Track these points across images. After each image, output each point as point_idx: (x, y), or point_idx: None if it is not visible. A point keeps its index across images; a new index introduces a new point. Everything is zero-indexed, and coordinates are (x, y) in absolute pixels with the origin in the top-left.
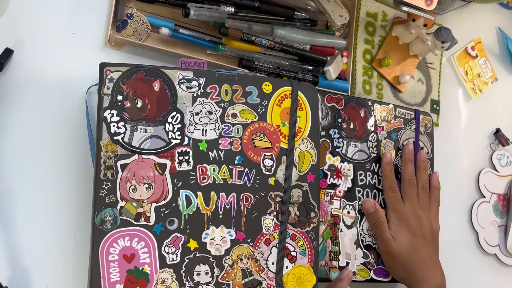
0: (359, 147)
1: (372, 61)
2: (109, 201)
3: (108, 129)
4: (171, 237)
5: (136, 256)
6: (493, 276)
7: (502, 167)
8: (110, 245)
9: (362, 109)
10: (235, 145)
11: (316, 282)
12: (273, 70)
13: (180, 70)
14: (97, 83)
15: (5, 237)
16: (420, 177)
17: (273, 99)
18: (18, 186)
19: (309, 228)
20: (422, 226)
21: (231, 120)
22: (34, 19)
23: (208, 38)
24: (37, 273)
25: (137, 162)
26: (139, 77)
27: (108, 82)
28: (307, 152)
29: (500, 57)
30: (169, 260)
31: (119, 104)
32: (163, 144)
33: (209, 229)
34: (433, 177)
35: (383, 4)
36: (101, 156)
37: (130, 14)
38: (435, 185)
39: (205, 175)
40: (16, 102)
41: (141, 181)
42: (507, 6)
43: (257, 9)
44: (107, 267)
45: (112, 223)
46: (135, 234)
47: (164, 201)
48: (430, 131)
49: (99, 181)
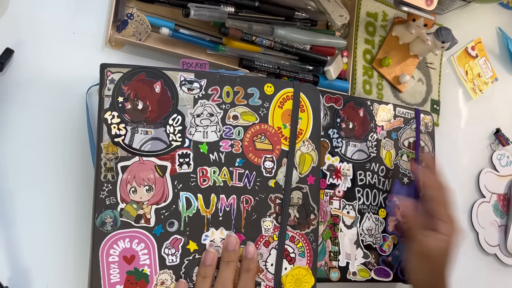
0: (359, 147)
1: (372, 61)
2: (110, 203)
3: (108, 131)
4: (171, 238)
5: (136, 258)
6: (493, 276)
7: (502, 167)
8: (111, 246)
9: (361, 109)
10: (236, 147)
11: (314, 284)
12: (273, 70)
13: (182, 72)
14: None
15: (5, 237)
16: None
17: (274, 100)
18: (18, 186)
19: (309, 230)
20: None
21: (232, 122)
22: (34, 19)
23: (208, 38)
24: (37, 273)
25: (137, 164)
26: (140, 78)
27: (109, 83)
28: (308, 154)
29: (500, 57)
30: (168, 261)
31: (120, 106)
32: (163, 146)
33: (209, 231)
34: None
35: (383, 4)
36: (102, 158)
37: (130, 14)
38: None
39: (205, 177)
40: (17, 102)
41: (142, 183)
42: (507, 6)
43: (257, 9)
44: (107, 268)
45: (113, 224)
46: (135, 236)
47: (164, 203)
48: (431, 130)
49: (99, 182)
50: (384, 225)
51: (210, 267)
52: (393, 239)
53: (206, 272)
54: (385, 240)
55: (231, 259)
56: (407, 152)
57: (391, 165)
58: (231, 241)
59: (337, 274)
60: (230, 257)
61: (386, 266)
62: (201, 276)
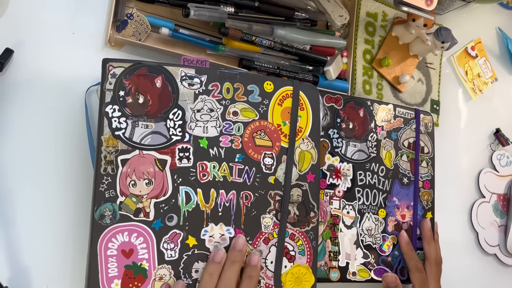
0: (359, 147)
1: (372, 61)
2: (109, 195)
3: (109, 124)
4: (170, 233)
5: (134, 252)
6: (493, 276)
7: (502, 167)
8: (109, 240)
9: (361, 109)
10: (235, 143)
11: (314, 282)
12: (273, 70)
13: (182, 67)
14: (97, 83)
15: (5, 237)
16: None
17: (274, 98)
18: (18, 185)
19: (308, 228)
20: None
21: (232, 118)
22: (34, 19)
23: (208, 38)
24: (37, 273)
25: (137, 158)
26: (142, 73)
27: (110, 77)
28: (307, 151)
29: (500, 57)
30: (167, 256)
31: (121, 100)
32: (164, 140)
33: (208, 226)
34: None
35: (383, 4)
36: (102, 151)
37: (130, 14)
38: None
39: (205, 172)
40: (16, 102)
41: (141, 176)
42: (507, 6)
43: (257, 9)
44: (105, 262)
45: (111, 218)
46: (134, 230)
47: (163, 197)
48: (431, 131)
49: (99, 175)
50: (384, 225)
51: (219, 264)
52: (392, 239)
53: (214, 269)
54: (384, 240)
55: (236, 259)
56: (407, 152)
57: (391, 165)
58: (239, 242)
59: (337, 274)
60: (236, 257)
61: (385, 266)
62: (208, 272)
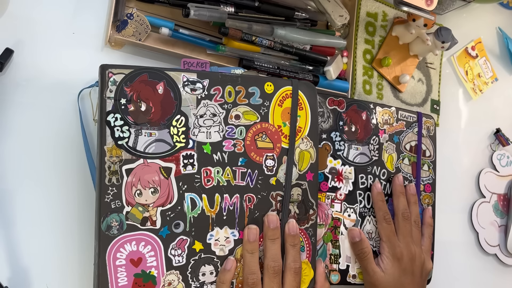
0: (361, 150)
1: (372, 61)
2: (115, 206)
3: (112, 134)
4: (177, 239)
5: (143, 260)
6: (493, 276)
7: (502, 167)
8: (117, 250)
9: (364, 112)
10: (238, 147)
11: (313, 277)
12: (273, 70)
13: (184, 72)
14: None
15: (5, 237)
16: (412, 211)
17: (274, 99)
18: (18, 186)
19: (308, 225)
20: (414, 264)
21: (234, 121)
22: (34, 19)
23: (208, 38)
24: (37, 273)
25: (142, 167)
26: (143, 79)
27: (110, 85)
28: (306, 151)
29: (500, 57)
30: (175, 262)
31: (123, 108)
32: (168, 147)
33: (214, 230)
34: (427, 213)
35: (383, 4)
36: (106, 161)
37: (130, 14)
38: (429, 221)
39: (209, 177)
40: (16, 102)
41: (147, 185)
42: (507, 6)
43: (257, 9)
44: (114, 272)
45: (119, 228)
46: (141, 239)
47: (169, 204)
48: (433, 134)
49: (104, 186)
50: None
51: (255, 242)
52: None
53: (252, 247)
54: None
55: (275, 236)
56: (409, 155)
57: (392, 168)
58: (273, 219)
59: (337, 277)
60: (275, 234)
61: None
62: (248, 252)
